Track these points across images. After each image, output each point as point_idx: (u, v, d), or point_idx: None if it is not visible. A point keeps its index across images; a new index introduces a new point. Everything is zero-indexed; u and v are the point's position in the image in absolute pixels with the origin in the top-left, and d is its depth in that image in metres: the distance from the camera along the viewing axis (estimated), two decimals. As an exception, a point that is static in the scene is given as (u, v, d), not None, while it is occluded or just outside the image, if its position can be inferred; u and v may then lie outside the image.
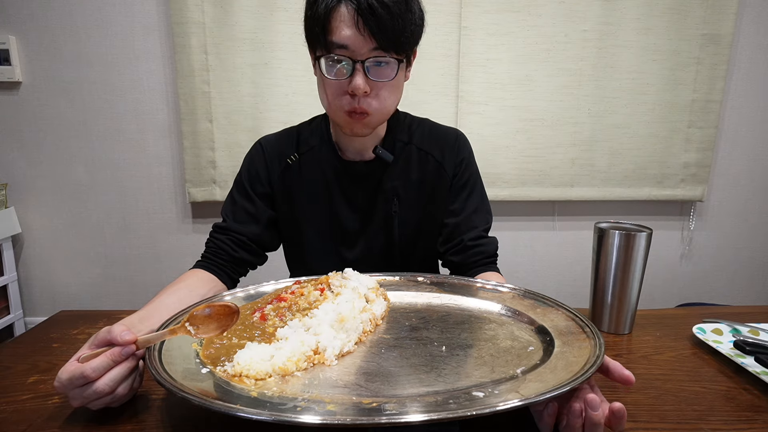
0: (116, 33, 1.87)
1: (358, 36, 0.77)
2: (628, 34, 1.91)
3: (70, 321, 0.85)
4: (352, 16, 0.76)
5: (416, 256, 1.00)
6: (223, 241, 0.94)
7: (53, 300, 2.09)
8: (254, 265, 1.00)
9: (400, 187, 0.96)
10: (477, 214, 0.98)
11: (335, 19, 0.77)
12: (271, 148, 0.99)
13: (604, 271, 0.81)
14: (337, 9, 0.77)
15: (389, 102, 0.86)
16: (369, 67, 0.79)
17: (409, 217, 0.97)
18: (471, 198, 0.99)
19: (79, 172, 1.98)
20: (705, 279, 2.23)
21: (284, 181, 0.97)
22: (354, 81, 0.79)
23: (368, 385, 0.54)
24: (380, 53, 0.79)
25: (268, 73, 1.85)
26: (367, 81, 0.80)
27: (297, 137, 0.99)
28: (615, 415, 0.49)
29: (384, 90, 0.83)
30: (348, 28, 0.77)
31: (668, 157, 2.03)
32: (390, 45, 0.79)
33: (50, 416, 0.57)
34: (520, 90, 1.94)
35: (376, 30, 0.76)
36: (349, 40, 0.77)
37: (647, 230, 0.80)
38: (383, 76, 0.81)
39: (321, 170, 0.96)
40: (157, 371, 0.53)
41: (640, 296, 0.82)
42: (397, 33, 0.78)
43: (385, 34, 0.77)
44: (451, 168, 0.98)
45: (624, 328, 0.82)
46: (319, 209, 0.97)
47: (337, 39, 0.78)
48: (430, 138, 0.99)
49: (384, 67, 0.81)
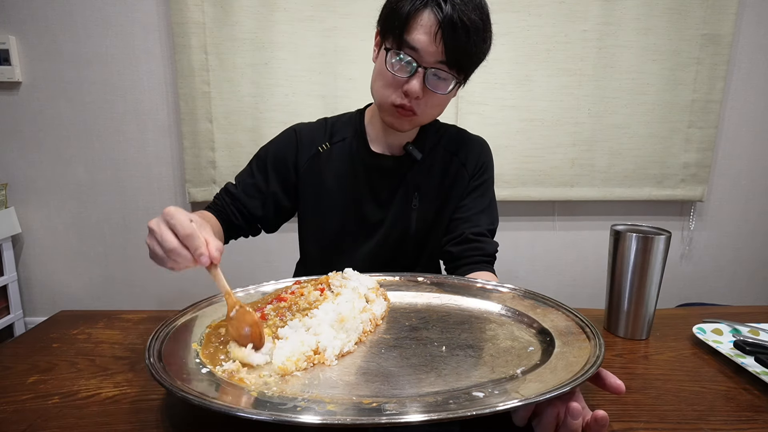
0: (116, 33, 1.87)
1: (431, 44, 0.80)
2: (628, 34, 1.91)
3: (70, 321, 0.85)
4: (433, 24, 0.79)
5: (428, 248, 1.04)
6: (228, 204, 0.99)
7: (53, 300, 2.09)
8: (247, 234, 1.04)
9: (423, 184, 1.00)
10: (483, 213, 1.01)
11: (417, 19, 0.80)
12: (304, 135, 1.02)
13: (620, 275, 0.79)
14: (421, 12, 0.79)
15: (436, 111, 0.91)
16: (429, 76, 0.83)
17: (426, 212, 1.01)
18: (481, 199, 1.02)
19: (79, 172, 1.98)
20: (705, 279, 2.23)
21: (312, 167, 1.00)
22: (411, 83, 0.83)
23: (368, 385, 0.54)
24: (444, 67, 0.82)
25: (268, 73, 1.85)
26: (423, 87, 0.83)
27: (331, 127, 1.03)
28: (597, 423, 0.49)
29: (435, 99, 0.87)
30: (425, 33, 0.79)
31: (668, 157, 2.03)
32: (456, 63, 0.82)
33: (50, 416, 0.57)
34: (520, 90, 1.94)
35: (450, 45, 0.79)
36: (422, 44, 0.80)
37: (666, 233, 0.78)
38: (439, 87, 0.85)
39: (350, 161, 1.00)
40: (157, 371, 0.53)
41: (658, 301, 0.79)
42: (468, 54, 0.82)
43: (456, 52, 0.80)
44: (471, 169, 1.03)
45: (641, 333, 0.79)
46: (343, 198, 1.00)
47: (411, 39, 0.80)
48: (457, 141, 1.04)
49: (443, 80, 0.84)
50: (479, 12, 0.82)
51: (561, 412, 0.50)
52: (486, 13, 0.84)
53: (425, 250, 1.04)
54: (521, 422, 0.52)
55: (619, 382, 0.54)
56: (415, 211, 1.00)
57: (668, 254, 0.78)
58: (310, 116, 1.05)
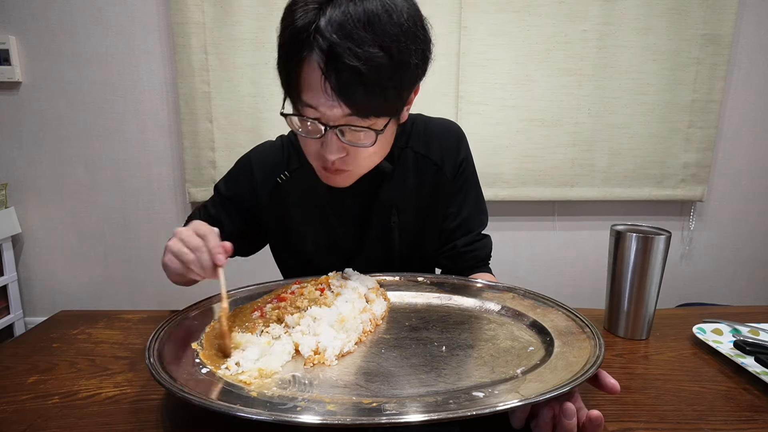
0: (116, 33, 1.87)
1: (327, 100, 0.64)
2: (628, 34, 1.91)
3: (70, 321, 0.85)
4: (318, 75, 0.62)
5: (414, 261, 0.96)
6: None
7: (53, 300, 2.09)
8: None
9: (398, 197, 0.90)
10: (472, 217, 0.95)
11: (305, 71, 0.64)
12: (258, 168, 0.92)
13: (620, 275, 0.79)
14: (306, 59, 0.63)
15: (372, 159, 0.76)
16: (343, 131, 0.68)
17: (408, 226, 0.92)
18: (467, 200, 0.95)
19: (79, 172, 1.98)
20: (705, 279, 2.22)
21: (274, 200, 0.91)
22: (325, 147, 0.69)
23: (368, 385, 0.54)
24: (356, 120, 0.66)
25: (268, 73, 1.85)
26: (341, 146, 0.69)
27: (288, 150, 0.92)
28: (592, 423, 0.49)
29: (364, 152, 0.72)
30: (314, 88, 0.64)
31: (668, 157, 2.02)
32: (370, 111, 0.65)
33: (50, 416, 0.57)
34: (520, 90, 1.94)
35: (345, 97, 0.63)
36: (317, 101, 0.65)
37: (666, 233, 0.78)
38: (361, 141, 0.69)
39: (313, 186, 0.87)
40: (157, 371, 0.53)
41: (658, 301, 0.79)
42: (374, 100, 0.64)
43: (358, 101, 0.63)
44: (450, 170, 0.93)
45: (641, 333, 0.79)
46: (313, 228, 0.92)
47: (305, 97, 0.66)
48: (426, 138, 0.92)
49: (361, 132, 0.68)
50: (377, 37, 0.61)
51: (558, 412, 0.50)
52: (394, 31, 0.62)
53: (412, 263, 0.95)
54: (519, 424, 0.52)
55: (614, 381, 0.54)
56: (395, 228, 0.91)
57: (668, 254, 0.77)
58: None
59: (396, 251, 0.93)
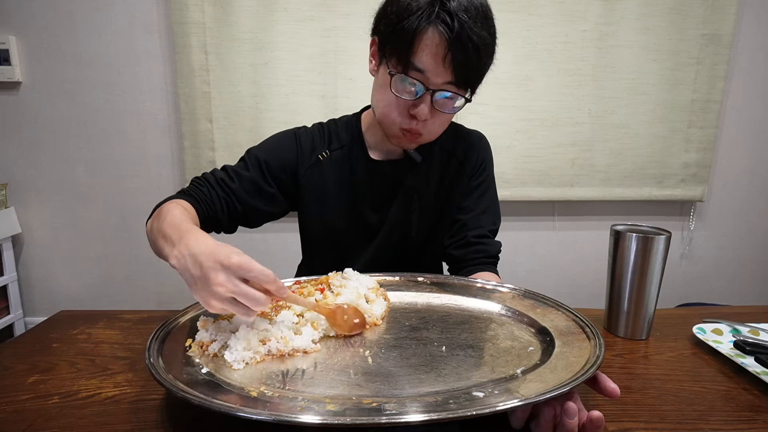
0: (116, 33, 1.87)
1: (439, 65, 0.75)
2: (628, 34, 1.91)
3: (70, 321, 0.85)
4: (440, 44, 0.74)
5: (429, 250, 1.03)
6: (219, 197, 0.90)
7: (53, 300, 2.10)
8: (219, 231, 0.94)
9: (422, 186, 0.98)
10: (485, 214, 1.00)
11: (423, 40, 0.74)
12: (305, 142, 0.99)
13: (620, 276, 0.79)
14: (426, 30, 0.74)
15: (443, 128, 0.88)
16: (437, 98, 0.79)
17: (426, 214, 1.00)
18: (483, 198, 1.01)
19: (79, 172, 1.98)
20: (705, 279, 2.23)
21: (313, 175, 0.98)
22: (419, 107, 0.79)
23: (368, 385, 0.54)
24: (453, 87, 0.78)
25: (268, 73, 1.85)
26: (431, 109, 0.80)
27: (328, 134, 1.00)
28: (593, 423, 0.49)
29: (443, 118, 0.84)
30: (432, 55, 0.75)
31: (668, 157, 2.03)
32: (465, 82, 0.78)
33: (50, 416, 0.57)
34: (520, 90, 1.94)
35: (459, 66, 0.75)
36: (429, 66, 0.76)
37: (666, 233, 0.78)
38: (448, 107, 0.82)
39: (350, 168, 0.98)
40: (157, 371, 0.53)
41: (658, 301, 0.80)
42: (477, 73, 0.78)
43: (465, 71, 0.76)
44: (470, 168, 1.01)
45: (641, 333, 0.79)
46: (344, 204, 0.99)
47: (417, 61, 0.76)
48: (454, 139, 1.01)
49: (452, 99, 0.81)
50: (487, 26, 0.77)
51: (558, 413, 0.50)
52: (493, 25, 0.79)
53: (427, 251, 1.03)
54: (519, 424, 0.52)
55: (614, 385, 0.54)
56: (415, 214, 0.99)
57: (668, 254, 0.77)
58: (310, 116, 1.05)
59: (412, 236, 1.00)
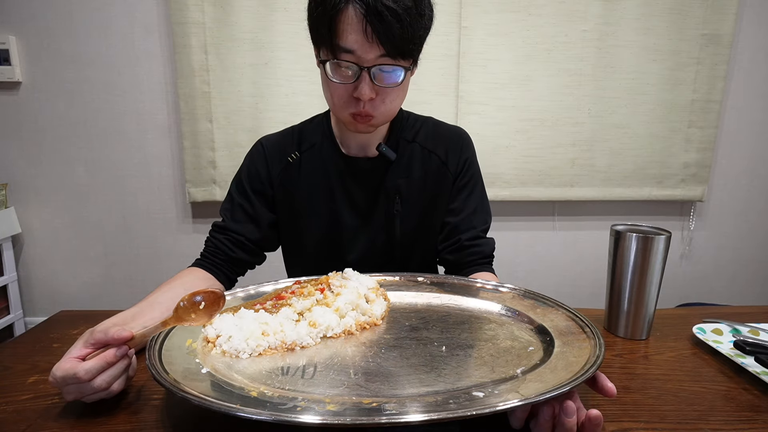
0: (116, 33, 1.87)
1: (365, 42, 0.74)
2: (628, 34, 1.91)
3: (70, 321, 0.85)
4: (359, 21, 0.73)
5: (416, 254, 1.00)
6: (221, 241, 0.93)
7: (53, 300, 2.09)
8: (252, 265, 0.99)
9: (403, 186, 0.95)
10: (476, 214, 0.98)
11: (342, 21, 0.74)
12: (271, 147, 0.98)
13: (620, 276, 0.79)
14: (344, 11, 0.73)
15: (395, 104, 0.85)
16: (375, 73, 0.78)
17: (410, 216, 0.97)
18: (471, 198, 0.99)
19: (79, 172, 1.98)
20: (705, 279, 2.22)
21: (285, 180, 0.97)
22: (360, 88, 0.78)
23: (368, 385, 0.54)
24: (388, 60, 0.77)
25: (268, 73, 1.85)
26: (372, 87, 0.79)
27: (299, 135, 0.99)
28: (591, 422, 0.49)
29: (390, 94, 0.82)
30: (355, 32, 0.74)
31: (668, 157, 2.02)
32: (398, 52, 0.76)
33: (50, 416, 0.57)
34: (520, 90, 1.94)
35: (384, 37, 0.74)
36: (356, 44, 0.75)
37: (666, 233, 0.78)
38: (390, 81, 0.80)
39: (323, 167, 0.96)
40: (157, 371, 0.53)
41: (658, 301, 0.79)
42: (406, 40, 0.76)
43: (393, 41, 0.75)
44: (454, 167, 0.98)
45: (641, 333, 0.79)
46: (320, 208, 0.96)
47: (343, 43, 0.75)
48: (434, 137, 0.99)
49: (391, 72, 0.79)
50: None
51: (557, 412, 0.50)
52: None
53: (413, 255, 0.99)
54: (518, 424, 0.52)
55: (611, 385, 0.54)
56: (398, 216, 0.96)
57: (668, 254, 0.77)
58: (309, 116, 1.04)
59: (397, 240, 0.97)
